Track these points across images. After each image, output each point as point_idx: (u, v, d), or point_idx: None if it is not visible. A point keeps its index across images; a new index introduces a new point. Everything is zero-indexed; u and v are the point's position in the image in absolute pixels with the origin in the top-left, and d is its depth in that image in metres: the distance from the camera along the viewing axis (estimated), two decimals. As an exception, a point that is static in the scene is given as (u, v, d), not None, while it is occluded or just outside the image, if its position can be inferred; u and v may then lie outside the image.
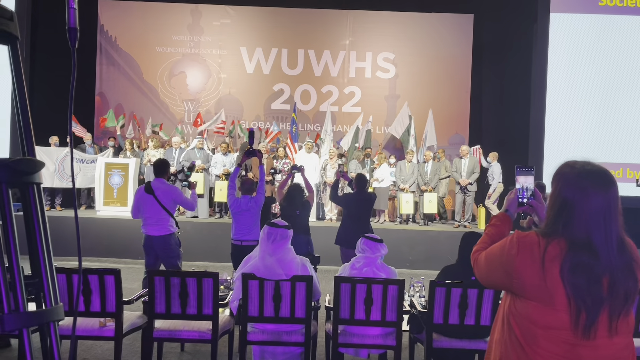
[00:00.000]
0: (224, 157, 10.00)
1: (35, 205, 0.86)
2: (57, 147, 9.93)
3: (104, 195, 9.47)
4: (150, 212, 5.16)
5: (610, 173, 1.62)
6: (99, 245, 8.59)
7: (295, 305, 3.59)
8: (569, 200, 1.58)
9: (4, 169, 0.81)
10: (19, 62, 0.91)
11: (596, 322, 1.51)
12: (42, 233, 0.87)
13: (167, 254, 5.21)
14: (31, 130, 0.91)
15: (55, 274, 0.87)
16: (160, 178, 5.27)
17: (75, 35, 1.01)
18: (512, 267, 1.62)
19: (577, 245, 1.54)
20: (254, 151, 5.49)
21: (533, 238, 1.61)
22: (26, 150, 0.89)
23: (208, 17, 13.06)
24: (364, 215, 6.08)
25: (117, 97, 13.01)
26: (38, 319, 0.81)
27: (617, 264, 1.52)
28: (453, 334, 3.75)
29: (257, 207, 5.45)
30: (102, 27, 12.93)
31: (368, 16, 12.99)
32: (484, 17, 12.59)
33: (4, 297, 0.79)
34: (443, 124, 12.13)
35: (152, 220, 5.17)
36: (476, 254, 1.83)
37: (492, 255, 1.73)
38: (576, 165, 1.64)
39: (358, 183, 6.13)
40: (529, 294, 1.59)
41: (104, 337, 3.74)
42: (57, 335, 0.85)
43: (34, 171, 0.85)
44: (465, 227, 9.62)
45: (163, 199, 5.15)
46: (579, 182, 1.59)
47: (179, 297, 3.66)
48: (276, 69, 13.11)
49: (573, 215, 1.56)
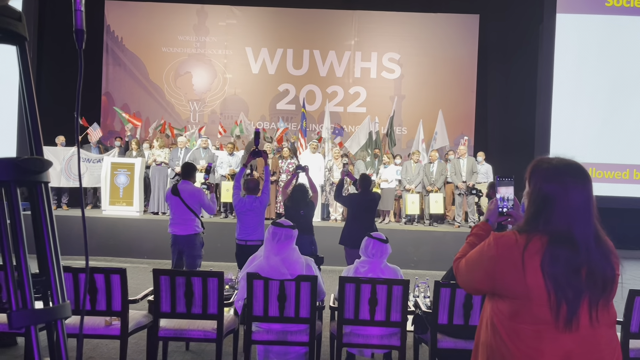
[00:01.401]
0: (229, 157, 10.02)
1: (43, 204, 0.87)
2: (64, 147, 9.98)
3: (110, 194, 9.51)
4: (177, 213, 5.42)
5: (584, 167, 1.66)
6: (104, 245, 8.63)
7: (300, 305, 3.59)
8: (550, 195, 1.61)
9: (12, 168, 0.82)
10: (27, 62, 0.92)
11: (577, 312, 1.53)
12: (50, 231, 0.88)
13: (191, 253, 5.43)
14: (39, 130, 0.92)
15: (63, 272, 0.88)
16: (187, 180, 5.51)
17: (82, 37, 1.02)
18: (492, 268, 1.64)
19: (558, 239, 1.57)
20: (259, 152, 5.53)
21: (510, 237, 1.64)
22: (34, 150, 0.90)
23: (214, 18, 13.09)
24: (369, 215, 6.09)
25: (123, 97, 13.06)
26: (46, 316, 0.82)
27: (595, 255, 1.56)
28: (457, 335, 3.75)
29: (261, 207, 5.47)
30: (109, 28, 12.99)
31: (373, 16, 12.98)
32: (490, 17, 12.56)
33: (12, 295, 0.80)
34: (449, 124, 12.10)
35: (178, 220, 5.43)
36: (457, 261, 1.85)
37: (472, 259, 1.75)
38: (553, 161, 1.67)
39: (362, 183, 6.14)
40: (511, 293, 1.61)
41: (109, 335, 3.76)
42: (65, 333, 0.85)
43: (42, 170, 0.86)
44: (469, 228, 9.60)
45: (188, 200, 5.37)
46: (559, 177, 1.62)
47: (184, 297, 3.68)
48: (281, 69, 13.13)
49: (554, 209, 1.59)
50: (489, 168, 10.03)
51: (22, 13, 0.93)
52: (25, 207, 1.21)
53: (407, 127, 12.83)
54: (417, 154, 10.16)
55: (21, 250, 0.81)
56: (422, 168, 9.90)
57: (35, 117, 0.90)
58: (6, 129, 10.53)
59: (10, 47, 0.97)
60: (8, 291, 0.79)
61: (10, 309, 0.80)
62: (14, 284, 0.80)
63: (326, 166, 10.06)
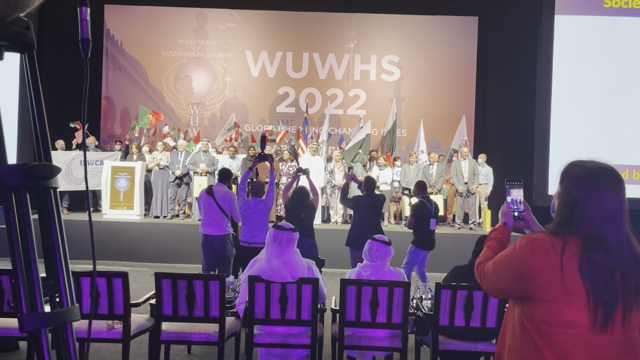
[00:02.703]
0: (231, 160, 10.04)
1: (52, 209, 0.89)
2: (64, 151, 10.00)
3: (111, 198, 9.53)
4: (209, 213, 5.71)
5: (617, 171, 1.66)
6: (105, 249, 8.64)
7: (301, 308, 3.61)
8: (581, 199, 1.61)
9: (22, 173, 0.83)
10: (35, 70, 0.94)
11: (613, 315, 1.54)
12: (60, 235, 0.89)
13: (223, 253, 5.71)
14: (47, 136, 0.94)
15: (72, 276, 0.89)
16: (222, 184, 5.88)
17: (87, 45, 1.04)
18: (527, 271, 1.62)
19: (591, 242, 1.57)
20: (265, 155, 5.80)
21: (545, 239, 1.62)
22: (43, 156, 0.92)
23: (213, 21, 13.12)
24: (374, 217, 6.18)
25: (123, 101, 13.09)
26: (56, 319, 0.83)
27: (628, 259, 1.56)
28: (459, 336, 3.76)
29: (266, 210, 5.57)
30: (108, 32, 13.02)
31: (372, 19, 13.01)
32: (489, 19, 12.60)
33: (22, 298, 0.81)
34: (448, 126, 12.13)
35: (210, 221, 5.72)
36: (481, 265, 1.82)
37: (501, 263, 1.72)
38: (586, 165, 1.66)
39: (367, 186, 6.23)
40: (546, 296, 1.59)
41: (111, 339, 3.77)
42: (74, 336, 0.87)
43: (51, 176, 0.88)
44: (470, 230, 9.62)
45: (221, 202, 5.68)
46: (591, 180, 1.62)
47: (186, 300, 3.69)
48: (281, 72, 13.15)
49: (585, 213, 1.59)
50: (490, 170, 10.05)
51: (30, 22, 0.94)
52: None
53: (406, 130, 12.85)
54: (414, 156, 10.16)
55: (31, 254, 0.83)
56: (422, 170, 9.90)
57: (44, 123, 0.92)
58: (6, 135, 10.53)
59: (8, 55, 0.98)
60: (19, 295, 0.81)
61: (21, 312, 0.81)
62: (24, 288, 0.82)
63: (327, 168, 10.07)
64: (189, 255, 8.30)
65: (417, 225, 6.38)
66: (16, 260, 0.82)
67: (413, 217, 6.43)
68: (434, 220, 6.43)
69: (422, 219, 6.35)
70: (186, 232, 8.76)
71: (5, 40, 0.90)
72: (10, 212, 0.84)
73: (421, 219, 6.35)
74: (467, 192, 9.70)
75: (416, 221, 6.37)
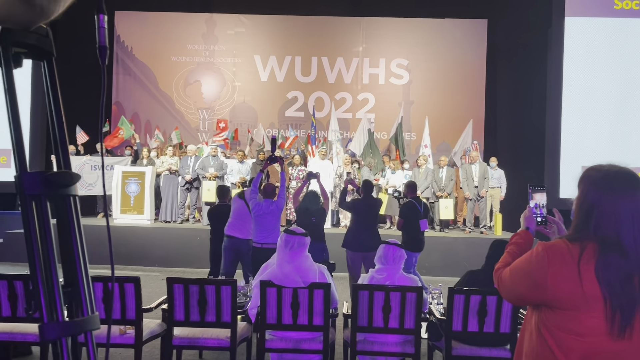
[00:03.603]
0: (240, 164, 10.06)
1: (72, 216, 0.89)
2: (74, 156, 10.07)
3: (121, 203, 9.57)
4: (238, 216, 5.84)
5: (637, 175, 1.63)
6: (115, 253, 8.52)
7: (313, 313, 3.59)
8: (597, 202, 1.58)
9: (43, 181, 0.83)
10: (54, 77, 0.94)
11: (632, 321, 1.51)
12: (80, 243, 0.89)
13: (249, 258, 5.75)
14: (67, 144, 0.94)
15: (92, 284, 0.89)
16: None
17: (105, 53, 1.04)
18: (544, 279, 1.59)
19: (608, 246, 1.54)
20: (276, 158, 5.90)
21: (561, 246, 1.60)
22: (62, 164, 0.92)
23: (222, 26, 13.18)
24: (371, 220, 6.17)
25: (134, 106, 13.17)
26: (77, 328, 0.83)
27: None
28: (472, 342, 3.73)
29: (278, 210, 5.64)
30: (119, 38, 13.12)
31: (381, 23, 13.01)
32: (498, 22, 12.54)
33: (43, 307, 0.81)
34: (458, 129, 12.07)
35: (238, 224, 5.84)
36: (499, 271, 1.79)
37: (518, 270, 1.70)
38: (603, 168, 1.65)
39: (364, 189, 6.24)
40: (564, 304, 1.57)
41: (124, 344, 3.77)
42: (94, 344, 0.87)
43: (71, 183, 0.88)
44: (481, 234, 9.56)
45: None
46: (607, 183, 1.59)
47: (198, 305, 3.68)
48: (290, 76, 13.18)
49: (602, 216, 1.57)
50: (502, 173, 9.97)
51: (48, 29, 0.94)
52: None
53: (415, 133, 12.81)
54: (424, 158, 10.12)
55: (52, 263, 0.83)
56: (431, 173, 9.85)
57: (64, 132, 0.92)
58: (7, 145, 10.62)
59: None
60: (40, 303, 0.81)
61: (42, 321, 0.81)
62: (45, 296, 0.81)
63: (336, 172, 10.06)
64: (199, 259, 8.31)
65: (406, 226, 6.34)
66: (37, 268, 0.82)
67: (402, 218, 6.41)
68: (424, 221, 6.38)
69: (410, 220, 6.31)
70: (196, 236, 8.78)
71: (24, 47, 0.90)
72: (30, 220, 0.83)
73: (410, 220, 6.31)
74: (477, 197, 9.63)
75: (405, 222, 6.34)
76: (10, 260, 8.74)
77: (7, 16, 0.75)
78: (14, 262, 8.64)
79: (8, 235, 9.21)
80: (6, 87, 0.84)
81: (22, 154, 0.85)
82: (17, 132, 0.85)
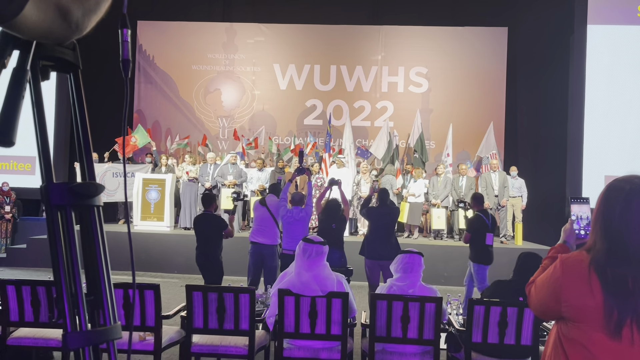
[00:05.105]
0: (259, 172, 10.12)
1: (96, 226, 0.90)
2: (97, 164, 10.23)
3: (142, 210, 9.69)
4: (262, 222, 6.02)
5: None
6: (135, 259, 8.73)
7: (331, 322, 3.58)
8: (608, 210, 1.57)
9: (68, 192, 0.85)
10: (80, 90, 0.96)
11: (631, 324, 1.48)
12: (103, 253, 0.91)
13: (272, 262, 5.94)
14: (92, 155, 0.96)
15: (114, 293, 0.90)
16: (273, 195, 6.26)
17: (128, 66, 1.06)
18: (558, 291, 1.59)
19: (613, 252, 1.53)
20: (303, 169, 6.23)
21: (577, 257, 1.59)
22: (87, 174, 0.93)
23: (242, 36, 13.31)
24: (388, 228, 6.15)
25: (155, 114, 13.35)
26: (100, 337, 0.84)
27: None
28: (492, 353, 3.67)
29: (307, 218, 5.87)
30: (141, 47, 13.33)
31: (400, 31, 13.00)
32: (519, 30, 12.43)
33: (67, 316, 0.82)
34: (477, 137, 11.97)
35: (260, 228, 6.02)
36: (529, 285, 1.79)
37: (541, 283, 1.70)
38: (622, 177, 1.63)
39: (380, 196, 6.24)
40: (579, 317, 1.56)
41: (143, 351, 3.80)
42: (116, 354, 0.88)
43: (96, 194, 0.90)
44: (502, 243, 9.45)
45: (274, 211, 6.03)
46: (619, 191, 1.57)
47: (217, 312, 3.70)
48: (309, 85, 13.23)
49: (611, 223, 1.55)
50: (523, 182, 9.85)
51: (75, 42, 0.96)
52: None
53: (435, 141, 12.74)
54: (442, 166, 10.05)
55: (76, 273, 0.84)
56: (451, 182, 9.78)
57: (88, 143, 0.94)
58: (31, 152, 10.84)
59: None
60: (64, 313, 0.82)
61: (66, 330, 0.82)
62: (69, 306, 0.83)
63: (354, 180, 10.05)
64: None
65: (474, 239, 6.18)
66: (61, 278, 0.83)
67: (469, 232, 6.25)
68: (490, 235, 6.17)
69: (478, 234, 6.15)
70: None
71: (52, 60, 0.92)
72: (55, 230, 0.85)
73: (478, 234, 6.15)
74: (497, 206, 9.53)
75: (472, 236, 6.19)
76: (34, 266, 8.90)
77: (48, 33, 0.77)
78: (37, 267, 8.79)
79: (31, 241, 9.38)
80: (34, 100, 0.86)
81: (49, 165, 0.86)
82: (44, 144, 0.87)
